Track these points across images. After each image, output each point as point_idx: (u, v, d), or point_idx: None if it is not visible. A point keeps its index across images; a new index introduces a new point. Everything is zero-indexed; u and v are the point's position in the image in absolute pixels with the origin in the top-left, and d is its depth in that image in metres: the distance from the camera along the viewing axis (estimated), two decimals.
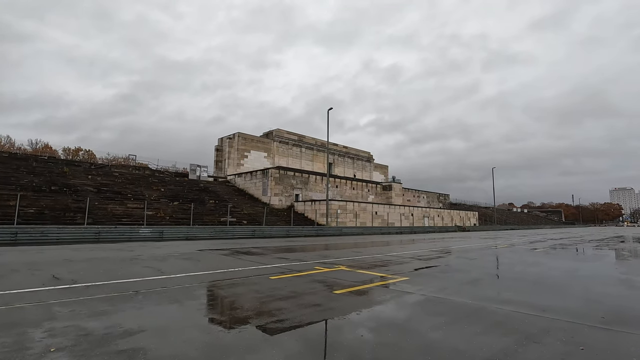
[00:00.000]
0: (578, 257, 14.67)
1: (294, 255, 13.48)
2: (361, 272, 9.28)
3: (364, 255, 13.67)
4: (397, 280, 8.05)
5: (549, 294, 6.80)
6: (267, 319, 4.66)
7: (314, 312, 5.03)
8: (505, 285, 7.71)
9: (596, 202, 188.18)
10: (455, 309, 5.43)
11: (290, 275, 8.51)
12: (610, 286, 7.79)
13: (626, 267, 11.51)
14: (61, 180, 34.39)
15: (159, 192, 39.36)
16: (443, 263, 11.69)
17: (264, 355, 3.40)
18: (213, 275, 8.24)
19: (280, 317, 4.76)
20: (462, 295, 6.42)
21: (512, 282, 8.02)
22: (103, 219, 27.80)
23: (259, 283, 7.35)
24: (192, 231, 24.48)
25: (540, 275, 9.29)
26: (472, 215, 72.30)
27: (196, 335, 4.00)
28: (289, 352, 3.52)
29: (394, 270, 9.77)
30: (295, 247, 17.91)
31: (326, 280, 7.90)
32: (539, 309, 5.50)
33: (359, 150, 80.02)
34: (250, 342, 3.81)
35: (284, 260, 11.68)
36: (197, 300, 5.71)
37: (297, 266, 10.16)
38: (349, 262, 11.29)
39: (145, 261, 10.66)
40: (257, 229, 28.73)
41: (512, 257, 14.15)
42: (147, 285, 6.89)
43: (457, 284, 7.71)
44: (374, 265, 10.85)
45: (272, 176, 47.16)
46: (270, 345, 3.72)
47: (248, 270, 9.23)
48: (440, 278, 8.60)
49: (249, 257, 12.25)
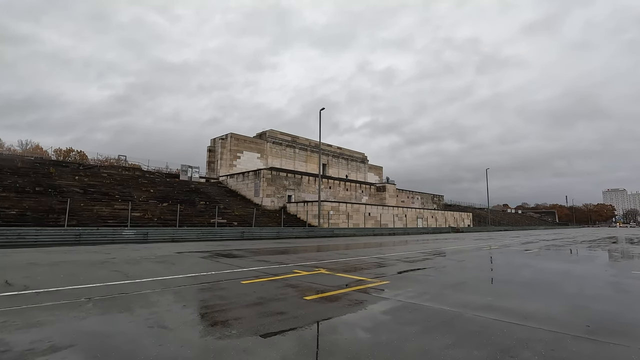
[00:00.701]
0: (568, 258, 14.34)
1: (277, 257, 13.01)
2: (341, 275, 8.84)
3: (349, 258, 13.24)
4: (377, 284, 7.62)
5: (533, 298, 6.41)
6: (219, 332, 4.21)
7: (273, 323, 4.58)
8: (489, 289, 7.30)
9: (589, 203, 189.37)
10: (430, 316, 5.01)
11: (264, 279, 8.05)
12: (598, 289, 7.42)
13: (616, 269, 11.18)
14: (46, 181, 33.64)
15: (148, 193, 38.68)
16: (429, 265, 11.28)
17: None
18: (181, 280, 7.76)
19: (234, 329, 4.31)
20: (441, 301, 6.01)
21: (497, 286, 7.63)
22: (88, 220, 27.12)
23: (227, 288, 6.88)
24: (179, 233, 23.91)
25: (528, 278, 8.91)
26: (466, 217, 72.17)
27: (127, 352, 3.53)
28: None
29: (376, 273, 9.34)
30: (280, 249, 17.44)
31: (300, 284, 7.45)
32: (521, 316, 5.10)
33: (353, 151, 79.68)
34: (188, 358, 3.35)
35: (265, 263, 11.22)
36: (150, 308, 5.23)
37: (275, 269, 9.70)
38: (332, 265, 10.85)
39: (116, 265, 10.14)
40: (247, 231, 28.21)
41: (501, 259, 13.79)
42: (105, 291, 6.40)
43: (439, 288, 7.30)
44: (357, 268, 10.42)
45: (264, 177, 46.65)
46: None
47: (222, 274, 8.76)
48: (422, 282, 8.18)
49: (228, 260, 11.76)
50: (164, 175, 49.89)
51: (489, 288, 7.38)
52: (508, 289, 7.30)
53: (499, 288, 7.40)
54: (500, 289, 7.24)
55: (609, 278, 9.05)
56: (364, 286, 7.38)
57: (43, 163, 41.22)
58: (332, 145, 75.24)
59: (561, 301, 6.19)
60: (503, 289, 7.26)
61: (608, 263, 12.86)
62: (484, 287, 7.53)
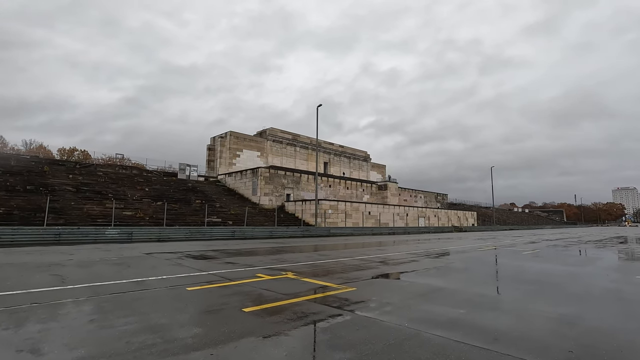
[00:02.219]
0: (567, 260, 13.28)
1: (251, 259, 12.15)
2: (307, 280, 7.96)
3: (329, 259, 12.33)
4: (340, 291, 6.72)
5: (514, 310, 5.46)
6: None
7: (176, 349, 3.72)
8: (464, 297, 6.36)
9: (598, 202, 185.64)
10: (377, 337, 4.10)
11: (216, 285, 7.19)
12: (593, 298, 6.44)
13: (619, 272, 10.12)
14: (39, 179, 33.22)
15: (143, 192, 38.13)
16: (411, 269, 10.34)
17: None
18: (121, 286, 6.93)
19: (117, 357, 3.45)
20: (403, 314, 5.10)
21: (476, 294, 6.68)
22: (76, 219, 26.58)
23: (161, 298, 6.03)
24: (166, 232, 23.20)
25: (514, 285, 7.95)
26: (470, 216, 70.75)
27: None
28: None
29: (348, 277, 8.44)
30: (263, 249, 16.57)
31: (253, 292, 6.59)
32: (490, 336, 4.17)
33: (355, 149, 78.61)
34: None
35: (231, 265, 10.37)
36: (46, 324, 4.39)
37: (237, 273, 8.84)
38: (304, 268, 9.97)
39: (64, 268, 9.35)
40: (238, 230, 27.44)
41: (493, 262, 12.79)
42: (17, 300, 5.60)
43: (408, 296, 6.38)
44: (331, 271, 9.52)
45: (262, 175, 45.89)
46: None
47: (174, 278, 7.92)
48: (392, 289, 7.27)
49: (193, 262, 10.92)
50: (161, 174, 49.36)
51: (465, 297, 6.43)
52: (487, 299, 6.35)
53: (478, 297, 6.45)
54: (478, 299, 6.30)
55: (609, 284, 8.04)
56: (324, 294, 6.49)
57: (39, 162, 40.89)
58: (333, 144, 74.23)
59: (546, 314, 5.24)
60: (481, 299, 6.31)
61: (610, 266, 11.78)
62: (459, 295, 6.59)
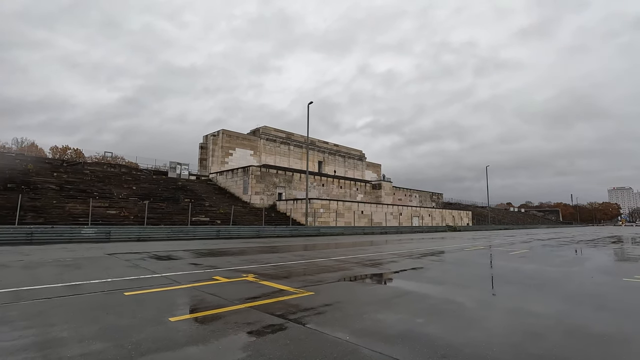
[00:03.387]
0: (554, 261, 12.70)
1: (217, 260, 11.48)
2: (265, 283, 7.33)
3: (303, 260, 11.70)
4: (294, 296, 6.10)
5: (477, 321, 4.85)
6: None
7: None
8: (430, 304, 5.74)
9: (594, 202, 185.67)
10: (305, 354, 3.47)
11: (160, 289, 6.55)
12: (572, 306, 5.82)
13: (606, 274, 9.52)
14: (21, 177, 32.41)
15: (130, 191, 37.40)
16: (385, 270, 9.73)
17: None
18: (52, 291, 6.27)
19: None
20: (348, 325, 4.47)
21: (442, 301, 6.05)
22: (57, 218, 25.86)
23: (86, 305, 5.37)
24: (146, 231, 22.50)
25: (489, 289, 7.35)
26: (465, 215, 70.29)
27: None
28: None
29: (312, 280, 7.81)
30: (236, 249, 15.90)
31: (196, 297, 5.95)
32: (437, 352, 3.55)
33: (350, 148, 78.00)
34: None
35: (193, 267, 9.72)
36: None
37: (193, 275, 8.20)
38: (270, 270, 9.33)
39: (4, 270, 8.67)
40: (223, 229, 26.75)
41: (474, 263, 12.19)
42: None
43: (367, 302, 5.76)
44: (297, 273, 8.90)
45: (253, 174, 45.20)
46: None
47: (119, 281, 7.26)
48: (353, 293, 6.65)
49: (153, 264, 10.24)
50: (151, 172, 48.59)
51: (431, 303, 5.82)
52: (454, 305, 5.72)
53: (445, 303, 5.84)
54: (444, 305, 5.68)
55: (592, 288, 7.44)
56: (274, 300, 5.86)
57: (25, 160, 40.07)
58: (328, 143, 73.61)
59: (513, 326, 4.63)
60: (447, 305, 5.69)
61: (598, 267, 11.19)
62: (426, 301, 5.97)
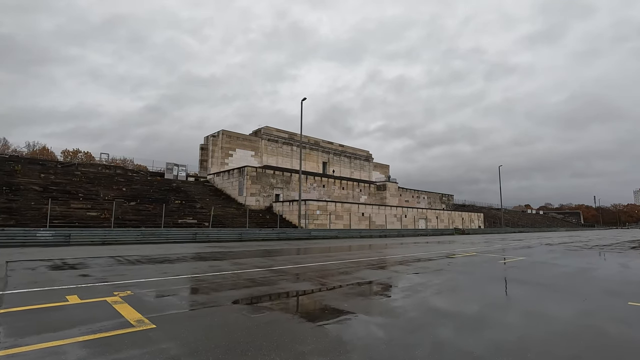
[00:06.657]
0: (551, 271, 10.36)
1: (132, 271, 9.68)
2: (118, 309, 5.46)
3: (243, 269, 9.79)
4: (118, 333, 4.20)
5: (421, 347, 2.84)
6: None
7: None
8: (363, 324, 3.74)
9: (618, 204, 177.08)
10: None
11: (17, 309, 4.76)
12: (551, 346, 3.72)
13: (610, 295, 7.27)
14: (5, 179, 31.67)
15: (119, 192, 36.33)
16: (304, 288, 7.73)
17: None
18: None
19: None
20: None
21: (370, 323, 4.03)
22: (29, 220, 24.78)
23: None
24: (112, 234, 21.02)
25: (454, 311, 5.26)
26: (476, 217, 67.04)
27: None
28: None
29: (199, 301, 5.90)
30: (187, 256, 14.12)
31: None
32: None
33: (356, 149, 75.84)
34: None
35: (81, 279, 7.94)
36: None
37: (45, 294, 6.40)
38: (173, 285, 7.46)
39: None
40: (201, 232, 25.11)
41: (444, 277, 10.02)
42: None
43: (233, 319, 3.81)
44: (224, 287, 7.00)
45: (249, 175, 43.66)
46: None
47: None
48: (198, 326, 4.70)
49: (31, 275, 8.51)
50: (147, 174, 47.68)
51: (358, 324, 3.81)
52: (392, 329, 3.70)
53: (370, 326, 3.81)
54: (377, 321, 3.66)
55: (578, 320, 5.25)
56: (105, 334, 3.97)
57: (17, 161, 39.63)
58: (333, 143, 71.68)
59: None
60: (387, 323, 3.67)
61: (601, 283, 8.85)
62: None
